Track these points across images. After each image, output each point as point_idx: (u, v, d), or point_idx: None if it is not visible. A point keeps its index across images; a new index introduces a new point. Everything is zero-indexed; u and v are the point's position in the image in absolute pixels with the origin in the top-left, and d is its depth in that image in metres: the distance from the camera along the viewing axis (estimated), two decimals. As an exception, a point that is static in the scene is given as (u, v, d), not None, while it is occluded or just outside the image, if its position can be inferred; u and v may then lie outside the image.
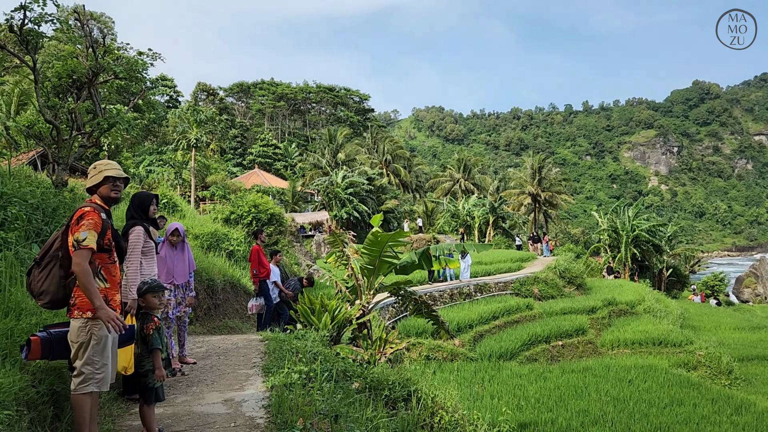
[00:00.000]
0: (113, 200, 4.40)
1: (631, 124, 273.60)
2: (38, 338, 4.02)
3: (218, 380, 6.03)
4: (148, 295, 4.59)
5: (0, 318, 4.39)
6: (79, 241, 3.96)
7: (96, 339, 4.04)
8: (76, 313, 4.04)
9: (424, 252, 10.29)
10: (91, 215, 4.08)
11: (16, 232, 6.06)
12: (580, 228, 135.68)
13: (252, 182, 56.23)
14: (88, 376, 3.98)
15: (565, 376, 18.53)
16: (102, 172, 4.32)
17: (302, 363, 6.19)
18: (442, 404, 8.21)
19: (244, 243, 18.78)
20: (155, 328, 4.45)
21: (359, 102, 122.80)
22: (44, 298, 4.05)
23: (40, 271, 4.09)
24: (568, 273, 33.75)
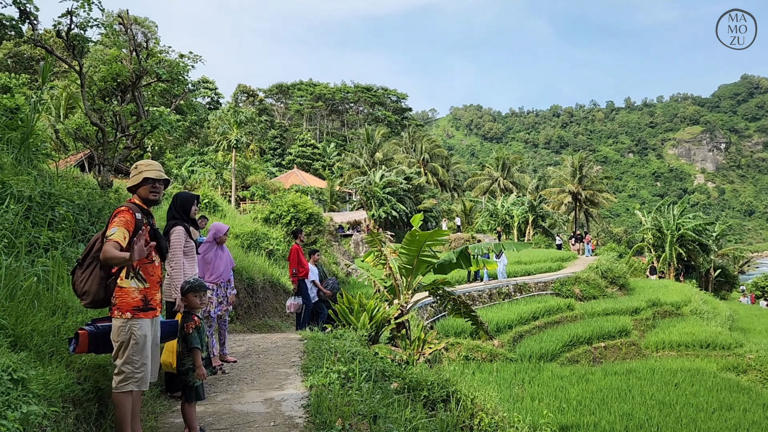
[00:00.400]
0: (152, 202, 4.44)
1: (675, 121, 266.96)
2: (86, 332, 4.11)
3: (258, 379, 6.08)
4: (189, 294, 4.65)
5: (47, 315, 4.50)
6: (108, 236, 4.02)
7: (135, 339, 4.10)
8: (116, 313, 4.10)
9: (462, 251, 10.20)
10: (124, 214, 4.13)
11: (64, 232, 6.21)
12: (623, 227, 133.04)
13: (291, 182, 56.78)
14: (128, 375, 4.05)
15: (607, 378, 18.16)
16: (141, 173, 4.37)
17: (341, 363, 6.19)
18: (481, 406, 8.11)
19: (284, 242, 18.96)
20: (195, 327, 4.50)
21: (396, 101, 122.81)
22: (87, 298, 4.11)
23: (83, 272, 4.15)
24: (611, 273, 33.09)
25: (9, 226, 5.40)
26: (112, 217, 4.13)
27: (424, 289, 10.59)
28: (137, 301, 4.17)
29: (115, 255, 3.89)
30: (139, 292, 4.19)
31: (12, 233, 5.38)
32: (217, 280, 7.12)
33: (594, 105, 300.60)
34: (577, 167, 71.22)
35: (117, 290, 4.13)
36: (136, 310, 4.14)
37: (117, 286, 4.14)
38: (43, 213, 6.34)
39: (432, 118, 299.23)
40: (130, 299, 4.14)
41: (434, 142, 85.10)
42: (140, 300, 4.18)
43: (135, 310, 4.14)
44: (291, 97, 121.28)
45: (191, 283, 4.68)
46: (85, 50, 8.44)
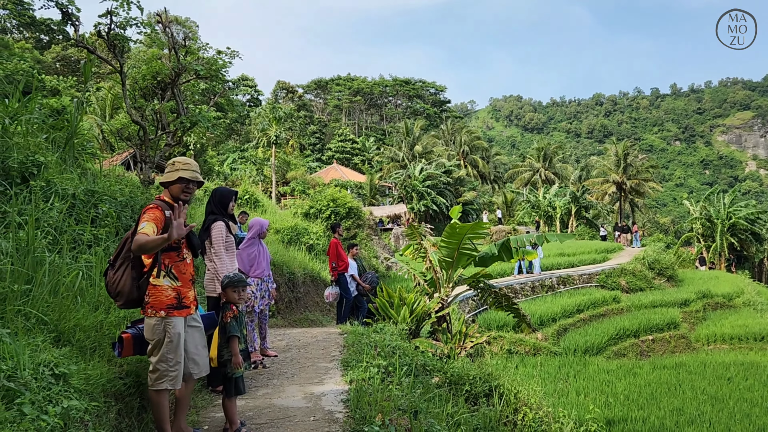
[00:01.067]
0: (183, 201, 4.39)
1: (725, 106, 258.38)
2: (129, 335, 4.14)
3: (298, 373, 6.08)
4: (228, 289, 4.61)
5: (90, 311, 4.56)
6: (138, 230, 3.98)
7: (170, 337, 4.09)
8: (150, 312, 4.09)
9: (504, 243, 10.01)
10: (153, 210, 4.09)
11: (106, 229, 6.31)
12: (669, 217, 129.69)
13: (331, 177, 57.08)
14: (162, 373, 4.04)
15: (656, 372, 17.69)
16: (177, 171, 4.33)
17: (381, 357, 6.14)
18: (525, 401, 7.96)
19: (323, 237, 19.03)
20: (233, 317, 4.50)
21: (435, 94, 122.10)
22: (120, 298, 4.08)
23: (115, 272, 4.10)
24: (658, 264, 32.22)
25: (53, 223, 5.51)
26: (142, 214, 4.12)
27: (465, 282, 10.44)
28: (171, 299, 4.16)
29: (149, 239, 3.86)
30: (173, 290, 4.18)
31: (56, 230, 5.48)
32: (261, 275, 7.14)
33: (638, 92, 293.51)
34: (622, 156, 69.53)
35: (150, 289, 4.12)
36: (170, 309, 4.14)
37: (150, 284, 4.12)
38: (87, 210, 6.45)
39: (471, 110, 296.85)
40: (164, 297, 4.12)
41: (474, 133, 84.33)
42: (174, 298, 4.17)
43: (169, 308, 4.13)
44: (330, 92, 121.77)
45: (231, 278, 4.67)
46: (126, 49, 8.58)
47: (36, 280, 4.31)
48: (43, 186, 5.96)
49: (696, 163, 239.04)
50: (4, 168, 5.96)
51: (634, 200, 71.69)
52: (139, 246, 3.86)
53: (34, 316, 3.95)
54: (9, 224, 4.82)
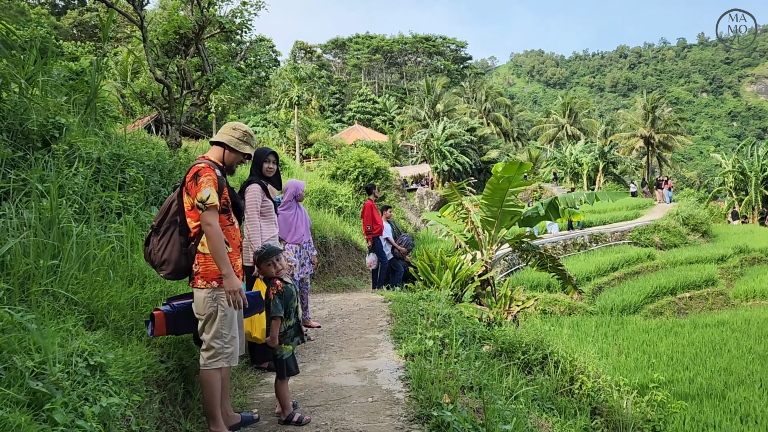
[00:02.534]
0: (231, 172, 3.95)
1: (754, 55, 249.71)
2: (162, 313, 3.70)
3: (346, 346, 5.64)
4: (261, 264, 4.12)
5: (124, 286, 4.12)
6: (204, 201, 3.53)
7: (223, 310, 3.67)
8: (200, 283, 3.65)
9: (552, 203, 9.42)
10: (209, 172, 3.64)
11: (135, 195, 5.86)
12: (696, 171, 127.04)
13: (352, 138, 56.33)
14: (217, 351, 3.63)
15: (698, 331, 17.15)
16: (247, 146, 3.91)
17: (435, 327, 5.67)
18: (581, 368, 7.49)
19: (352, 198, 18.56)
20: (276, 294, 4.00)
21: (456, 50, 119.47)
22: (166, 268, 3.66)
23: (160, 239, 3.68)
24: (692, 219, 31.31)
25: (79, 190, 5.06)
26: (195, 176, 3.64)
27: (508, 242, 9.91)
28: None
29: (221, 245, 3.55)
30: None
31: (82, 198, 5.03)
32: (299, 241, 6.63)
33: (664, 43, 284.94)
34: (650, 109, 67.77)
35: (199, 257, 3.67)
36: (221, 278, 3.68)
37: (198, 252, 3.68)
38: (113, 176, 6.00)
39: (491, 66, 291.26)
40: (216, 267, 3.67)
41: (496, 90, 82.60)
42: None
43: (221, 277, 3.66)
44: (348, 51, 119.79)
45: (259, 252, 4.19)
46: (146, 2, 8.02)
47: (63, 255, 3.86)
48: (66, 150, 5.49)
49: (723, 115, 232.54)
50: (23, 132, 5.50)
51: (662, 154, 70.12)
52: (213, 241, 3.52)
53: (62, 296, 3.51)
54: (30, 192, 4.36)
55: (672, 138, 67.63)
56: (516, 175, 8.64)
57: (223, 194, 3.73)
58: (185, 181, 3.70)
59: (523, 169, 8.59)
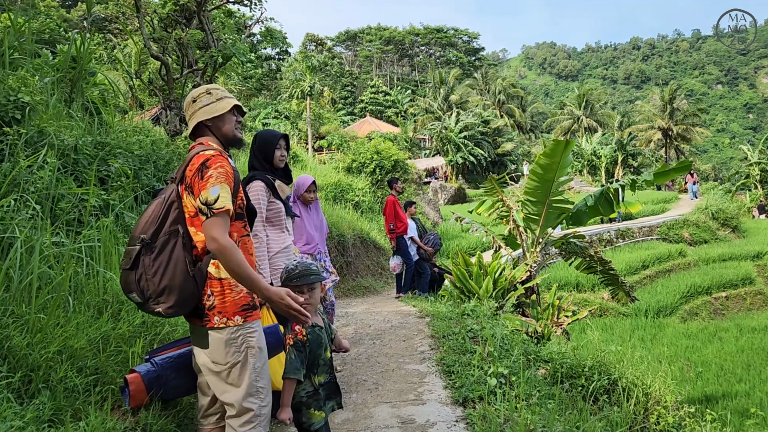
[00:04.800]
0: (238, 142, 2.85)
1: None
2: (138, 376, 2.55)
3: (383, 382, 4.48)
4: (288, 288, 2.82)
5: (90, 319, 2.98)
6: (210, 204, 2.49)
7: (254, 354, 2.61)
8: (217, 321, 2.57)
9: (604, 194, 8.19)
10: (220, 161, 2.59)
11: (120, 192, 4.73)
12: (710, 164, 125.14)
13: (365, 131, 55.07)
14: (255, 414, 2.57)
15: (745, 336, 15.87)
16: (224, 100, 2.76)
17: (494, 358, 4.50)
18: (657, 397, 6.29)
19: (369, 193, 17.43)
20: (294, 344, 2.79)
21: (468, 42, 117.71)
22: (167, 299, 2.51)
23: (155, 258, 2.53)
24: (722, 214, 29.91)
25: (42, 188, 3.92)
26: (201, 168, 2.56)
27: (554, 244, 8.73)
28: (245, 296, 2.65)
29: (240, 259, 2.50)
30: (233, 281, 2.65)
31: (46, 198, 3.90)
32: (311, 251, 5.34)
33: (678, 34, 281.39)
34: (668, 101, 66.21)
35: (213, 284, 2.59)
36: (247, 310, 2.64)
37: (211, 277, 2.59)
38: (97, 168, 4.87)
39: (503, 58, 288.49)
40: (236, 295, 2.61)
41: (509, 81, 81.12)
42: (247, 293, 2.65)
43: (245, 309, 2.63)
44: (360, 43, 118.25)
45: (291, 270, 2.94)
46: (139, -34, 6.91)
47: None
48: (29, 134, 4.35)
49: (739, 107, 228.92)
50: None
51: (680, 146, 68.53)
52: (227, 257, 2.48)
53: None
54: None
55: (691, 129, 66.09)
56: (562, 158, 7.43)
57: (239, 194, 2.65)
58: (184, 175, 2.62)
59: (570, 147, 7.39)
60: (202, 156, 2.59)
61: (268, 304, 3.58)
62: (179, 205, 2.62)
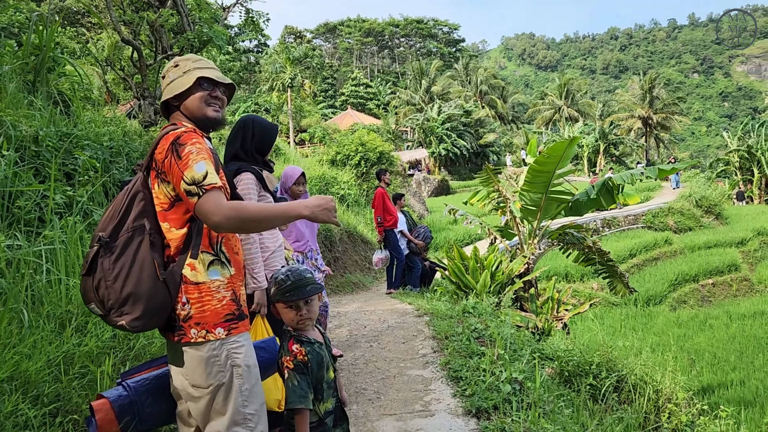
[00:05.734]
0: (211, 121, 2.34)
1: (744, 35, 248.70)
2: (107, 402, 2.11)
3: (385, 391, 4.07)
4: (280, 303, 2.45)
5: (50, 336, 2.54)
6: (199, 182, 2.06)
7: (240, 373, 2.17)
8: (194, 334, 2.12)
9: (605, 184, 7.85)
10: (194, 137, 2.16)
11: (88, 187, 4.27)
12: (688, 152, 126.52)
13: (346, 123, 54.50)
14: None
15: (735, 323, 15.75)
16: (190, 72, 2.29)
17: (505, 361, 4.12)
18: (668, 395, 5.99)
19: (355, 185, 17.01)
20: (294, 367, 2.34)
21: (449, 33, 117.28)
22: (132, 309, 2.05)
23: (115, 260, 2.07)
24: (705, 201, 29.93)
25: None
26: (172, 147, 2.13)
27: (551, 235, 8.39)
28: (229, 304, 2.19)
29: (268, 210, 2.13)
30: (227, 286, 2.21)
31: (1, 195, 3.43)
32: (302, 249, 4.90)
33: (655, 24, 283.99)
34: (647, 89, 66.61)
35: (189, 290, 2.14)
36: (231, 320, 2.19)
37: (186, 281, 2.14)
38: (62, 161, 4.40)
39: (483, 50, 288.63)
40: (217, 302, 2.16)
41: (490, 72, 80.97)
42: (231, 301, 2.20)
43: (230, 320, 2.18)
44: (339, 35, 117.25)
45: (278, 280, 2.45)
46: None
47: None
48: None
49: (714, 95, 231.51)
50: None
51: (659, 135, 69.05)
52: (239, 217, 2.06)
53: None
54: None
55: (670, 118, 66.60)
56: (566, 152, 7.09)
57: (220, 176, 2.21)
58: (153, 160, 2.19)
59: (574, 144, 7.06)
60: (171, 135, 2.16)
61: (262, 313, 3.15)
62: (145, 196, 2.19)
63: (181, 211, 2.17)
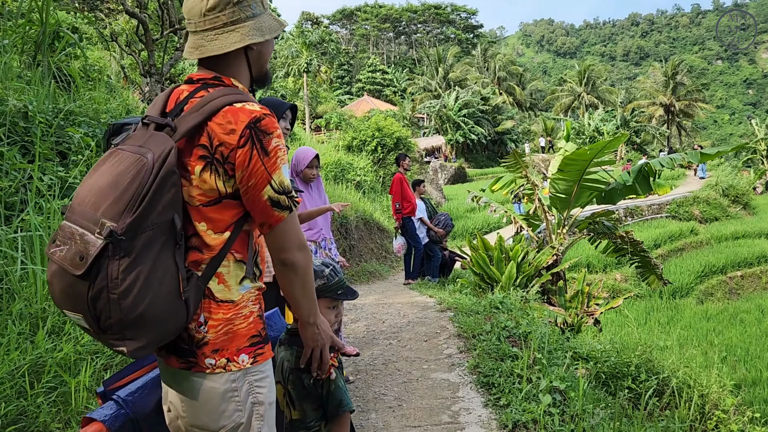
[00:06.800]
0: (268, 80, 1.87)
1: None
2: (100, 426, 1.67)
3: (407, 397, 3.66)
4: (324, 300, 2.12)
5: (17, 340, 2.14)
6: (288, 191, 1.66)
7: (263, 414, 1.70)
8: (210, 363, 1.62)
9: (641, 170, 7.34)
10: (276, 125, 1.65)
11: (82, 168, 3.88)
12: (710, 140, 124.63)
13: (362, 110, 53.91)
14: None
15: (767, 318, 15.14)
16: (269, 14, 1.78)
17: (545, 368, 3.69)
18: (715, 400, 5.51)
19: (371, 172, 16.58)
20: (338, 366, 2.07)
21: (466, 19, 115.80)
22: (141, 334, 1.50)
23: (129, 267, 1.45)
24: (732, 190, 29.09)
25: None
26: (257, 133, 1.59)
27: (581, 225, 7.90)
28: (256, 321, 1.71)
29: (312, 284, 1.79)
30: (256, 298, 1.74)
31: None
32: (315, 238, 4.49)
33: (678, 9, 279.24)
34: (670, 76, 65.26)
35: (212, 307, 1.64)
36: (257, 344, 1.70)
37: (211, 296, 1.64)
38: (55, 139, 4.02)
39: (500, 36, 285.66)
40: (243, 321, 1.68)
41: (509, 58, 79.90)
42: (259, 317, 1.73)
43: (256, 343, 1.70)
44: (356, 21, 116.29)
45: (328, 276, 2.14)
46: None
47: None
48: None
49: (738, 82, 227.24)
50: None
51: (682, 123, 67.79)
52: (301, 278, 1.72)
53: None
54: None
55: (694, 105, 65.28)
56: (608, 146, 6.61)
57: None
58: (208, 136, 1.60)
59: (621, 141, 6.60)
60: (245, 111, 1.60)
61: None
62: (178, 180, 1.57)
63: (231, 213, 1.65)
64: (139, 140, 1.57)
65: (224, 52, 1.68)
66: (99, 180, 1.52)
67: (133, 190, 1.46)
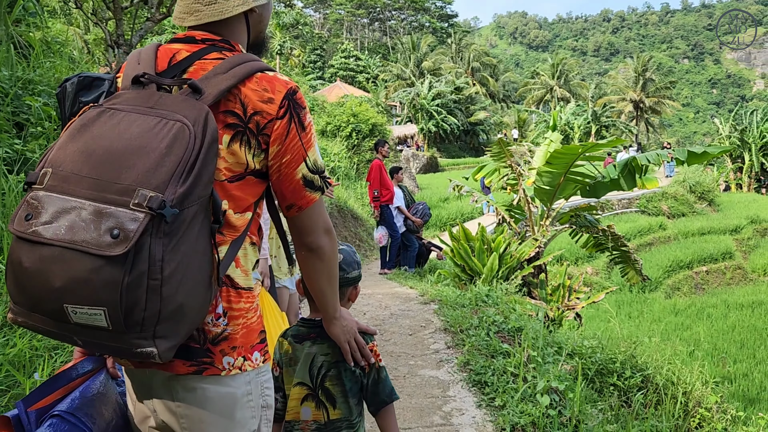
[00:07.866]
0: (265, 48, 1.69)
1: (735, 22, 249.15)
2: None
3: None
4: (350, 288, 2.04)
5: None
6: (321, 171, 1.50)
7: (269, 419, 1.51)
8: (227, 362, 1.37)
9: (628, 164, 7.22)
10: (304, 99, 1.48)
11: (42, 141, 3.53)
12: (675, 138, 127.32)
13: (335, 95, 53.36)
14: None
15: (734, 313, 15.35)
16: None
17: (540, 366, 3.49)
18: (698, 398, 5.42)
19: (345, 158, 16.29)
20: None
21: (441, 7, 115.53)
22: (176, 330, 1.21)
23: (175, 246, 1.18)
24: (699, 187, 29.60)
25: None
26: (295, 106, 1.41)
27: (563, 218, 7.77)
28: (260, 317, 1.50)
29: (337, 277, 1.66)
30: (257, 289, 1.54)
31: None
32: None
33: (648, 7, 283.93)
34: (640, 72, 66.23)
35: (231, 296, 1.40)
36: (264, 341, 1.49)
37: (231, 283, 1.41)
38: (13, 110, 3.65)
39: (474, 27, 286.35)
40: (255, 314, 1.47)
41: (483, 49, 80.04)
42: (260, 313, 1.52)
43: (263, 339, 1.49)
44: (330, 6, 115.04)
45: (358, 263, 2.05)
46: None
47: None
48: None
49: (704, 82, 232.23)
50: None
51: (650, 119, 68.94)
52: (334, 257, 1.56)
53: None
54: None
55: (662, 102, 66.38)
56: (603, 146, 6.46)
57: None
58: (241, 104, 1.37)
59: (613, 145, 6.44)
60: (282, 81, 1.42)
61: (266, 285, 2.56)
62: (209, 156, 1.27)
63: (253, 191, 1.45)
64: (145, 101, 1.29)
65: (225, 17, 1.46)
66: (103, 143, 1.20)
67: (177, 157, 1.19)
